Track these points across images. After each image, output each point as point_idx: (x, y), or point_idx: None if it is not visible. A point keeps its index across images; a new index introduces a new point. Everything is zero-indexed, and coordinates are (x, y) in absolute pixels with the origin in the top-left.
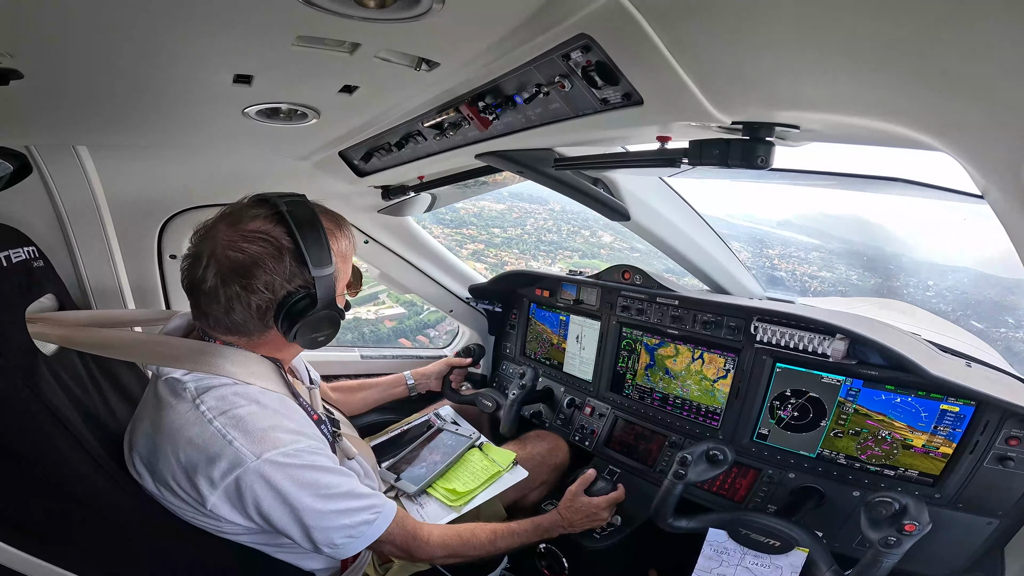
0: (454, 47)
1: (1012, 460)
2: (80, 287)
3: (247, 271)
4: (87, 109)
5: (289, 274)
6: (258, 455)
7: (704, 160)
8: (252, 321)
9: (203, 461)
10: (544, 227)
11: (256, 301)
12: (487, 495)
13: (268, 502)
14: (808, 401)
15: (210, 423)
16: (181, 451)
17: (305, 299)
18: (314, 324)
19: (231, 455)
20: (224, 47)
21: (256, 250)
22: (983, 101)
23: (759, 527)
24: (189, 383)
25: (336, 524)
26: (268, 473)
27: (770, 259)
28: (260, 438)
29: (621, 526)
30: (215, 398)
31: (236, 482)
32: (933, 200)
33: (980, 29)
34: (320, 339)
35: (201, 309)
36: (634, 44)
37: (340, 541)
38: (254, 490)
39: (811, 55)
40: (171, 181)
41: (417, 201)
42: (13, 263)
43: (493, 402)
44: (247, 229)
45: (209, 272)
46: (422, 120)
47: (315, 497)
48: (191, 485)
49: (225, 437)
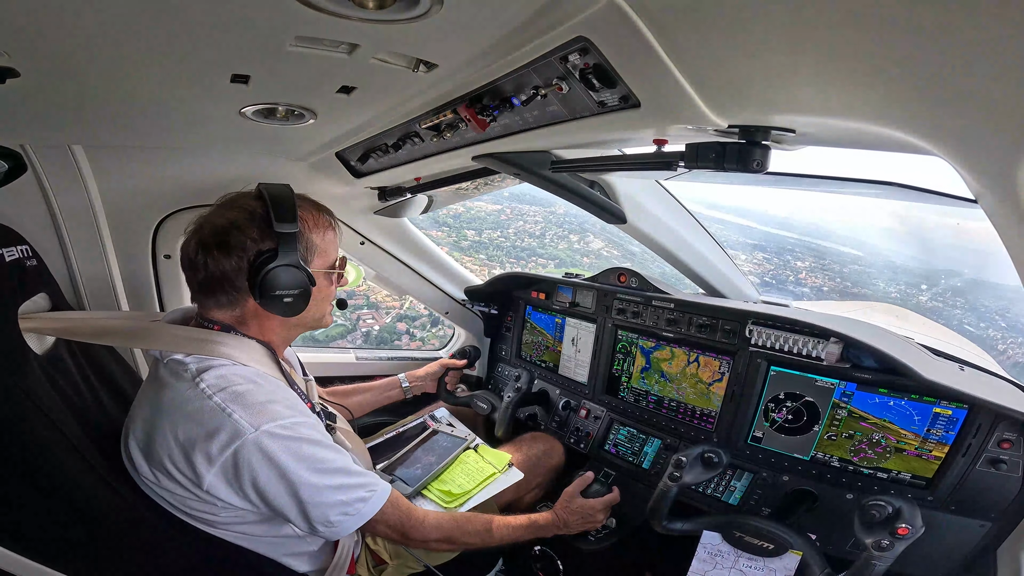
0: (452, 49)
1: (1004, 463)
2: (73, 286)
3: (224, 233)
4: (83, 109)
5: (259, 235)
6: (256, 427)
7: (700, 163)
8: (230, 284)
9: (201, 436)
10: (527, 231)
11: (231, 262)
12: (482, 497)
13: (265, 476)
14: (802, 404)
15: (209, 398)
16: (180, 427)
17: (270, 254)
18: (279, 281)
19: (230, 427)
20: (222, 47)
21: (232, 215)
22: (976, 106)
23: (753, 530)
24: (190, 364)
25: (332, 500)
26: (266, 445)
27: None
28: (259, 411)
29: (616, 528)
30: (214, 376)
31: (234, 456)
32: (927, 204)
33: (972, 35)
34: (287, 300)
35: (191, 278)
36: (632, 47)
37: (336, 518)
38: (251, 464)
39: (806, 61)
40: (166, 181)
41: (414, 203)
42: (6, 262)
43: (488, 404)
44: (231, 204)
45: (194, 241)
46: (419, 121)
47: (312, 471)
48: (187, 463)
49: (224, 410)
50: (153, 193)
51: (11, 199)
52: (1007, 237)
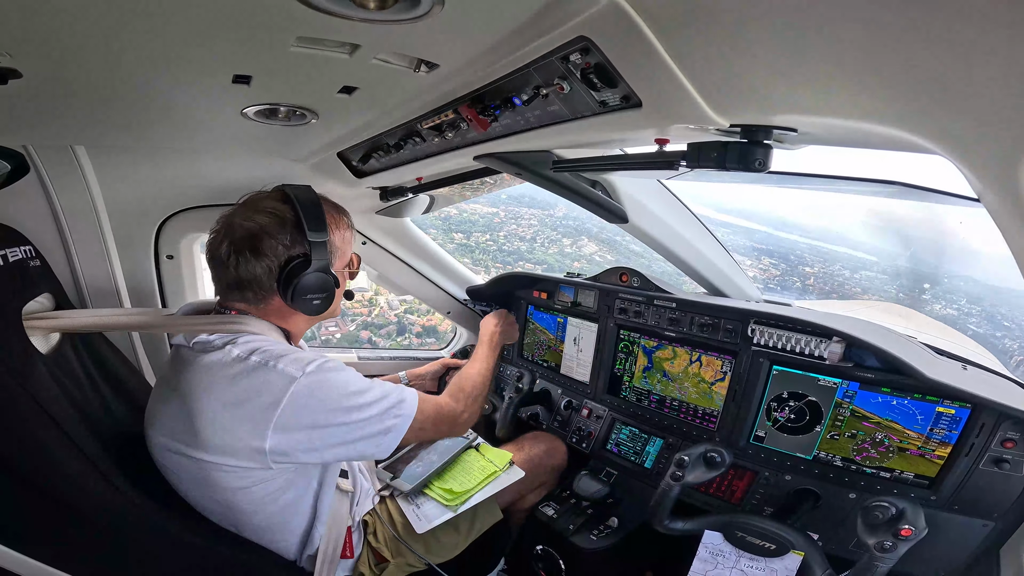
0: (454, 49)
1: (1008, 462)
2: (76, 287)
3: (255, 239)
4: (85, 110)
5: (290, 241)
6: (303, 370)
7: (702, 163)
8: (259, 284)
9: (253, 393)
10: (518, 234)
11: (263, 265)
12: (484, 494)
13: (324, 409)
14: (805, 404)
15: (247, 360)
16: (227, 392)
17: (302, 262)
18: (309, 285)
19: (278, 378)
20: (224, 47)
21: (264, 220)
22: (978, 106)
23: (754, 530)
24: (216, 340)
25: (383, 408)
26: (318, 380)
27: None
28: (296, 358)
29: (617, 528)
30: (244, 342)
31: (291, 400)
32: (930, 203)
33: (975, 34)
34: (315, 302)
35: (219, 277)
36: (633, 47)
37: (390, 422)
38: (309, 404)
39: (808, 61)
40: (169, 182)
41: (415, 203)
42: (9, 262)
43: (490, 404)
44: (259, 207)
45: (225, 243)
46: (421, 121)
47: (360, 393)
48: (241, 424)
49: (267, 364)
50: (155, 193)
51: (14, 200)
52: (1009, 236)
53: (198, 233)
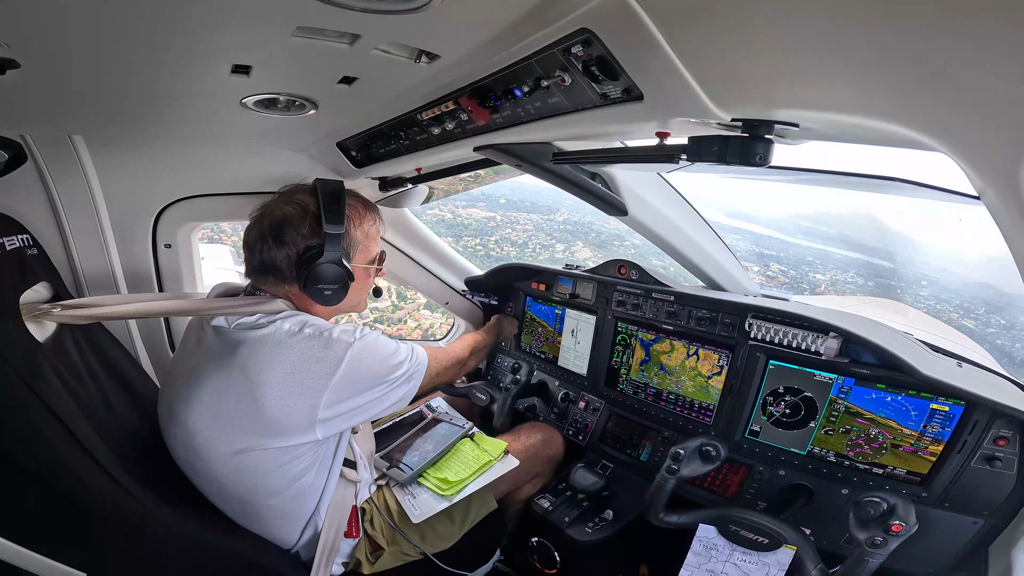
0: (454, 40)
1: (999, 460)
2: (74, 275)
3: (279, 227)
4: (83, 100)
5: (308, 231)
6: (354, 336)
7: (703, 157)
8: (279, 271)
9: (311, 360)
10: (510, 239)
11: (283, 253)
12: (479, 484)
13: (376, 368)
14: (800, 399)
15: (299, 333)
16: (288, 360)
17: (316, 252)
18: (320, 275)
19: (337, 345)
20: (223, 37)
21: (290, 210)
22: (980, 103)
23: (748, 524)
24: (260, 318)
25: (410, 365)
26: (364, 345)
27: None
28: (344, 328)
29: (612, 520)
30: (290, 317)
31: (352, 361)
32: (930, 200)
33: (976, 32)
34: (327, 292)
35: (248, 259)
36: (635, 40)
37: (413, 373)
38: (360, 365)
39: (810, 57)
40: (167, 171)
41: (414, 193)
42: (7, 251)
43: (487, 395)
44: (290, 198)
45: (255, 229)
46: (421, 112)
47: (394, 351)
48: (303, 389)
49: (322, 335)
50: (153, 182)
51: (11, 189)
52: (1009, 234)
53: (196, 222)
